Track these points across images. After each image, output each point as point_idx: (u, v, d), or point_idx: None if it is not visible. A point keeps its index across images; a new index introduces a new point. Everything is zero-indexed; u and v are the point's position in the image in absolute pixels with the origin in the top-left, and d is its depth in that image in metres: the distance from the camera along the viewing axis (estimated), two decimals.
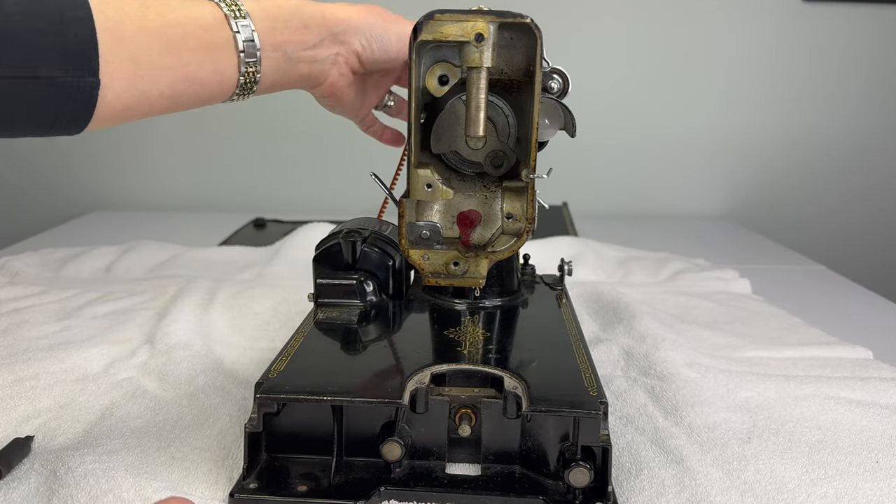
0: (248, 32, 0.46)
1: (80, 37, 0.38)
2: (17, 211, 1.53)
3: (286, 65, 0.50)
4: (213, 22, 0.45)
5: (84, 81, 0.39)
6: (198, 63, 0.44)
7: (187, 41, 0.43)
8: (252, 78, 0.48)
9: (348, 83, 0.56)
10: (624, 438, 0.54)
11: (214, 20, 0.45)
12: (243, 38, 0.46)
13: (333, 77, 0.54)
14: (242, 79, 0.47)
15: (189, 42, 0.43)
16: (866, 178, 1.48)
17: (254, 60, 0.47)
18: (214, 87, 0.46)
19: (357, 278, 0.61)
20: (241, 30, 0.46)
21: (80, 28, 0.38)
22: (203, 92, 0.46)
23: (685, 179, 1.50)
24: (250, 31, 0.46)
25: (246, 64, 0.47)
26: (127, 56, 0.40)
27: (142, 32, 0.41)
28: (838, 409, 0.58)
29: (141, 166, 1.52)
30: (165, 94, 0.44)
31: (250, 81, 0.48)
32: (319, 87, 0.55)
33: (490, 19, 0.46)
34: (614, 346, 0.71)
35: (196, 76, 0.44)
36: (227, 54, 0.46)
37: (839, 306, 0.91)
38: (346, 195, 1.49)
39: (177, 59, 0.43)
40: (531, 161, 0.49)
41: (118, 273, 0.99)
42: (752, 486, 0.48)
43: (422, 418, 0.48)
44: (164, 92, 0.43)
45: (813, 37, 1.41)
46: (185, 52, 0.43)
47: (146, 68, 0.42)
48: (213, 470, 0.49)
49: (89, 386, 0.62)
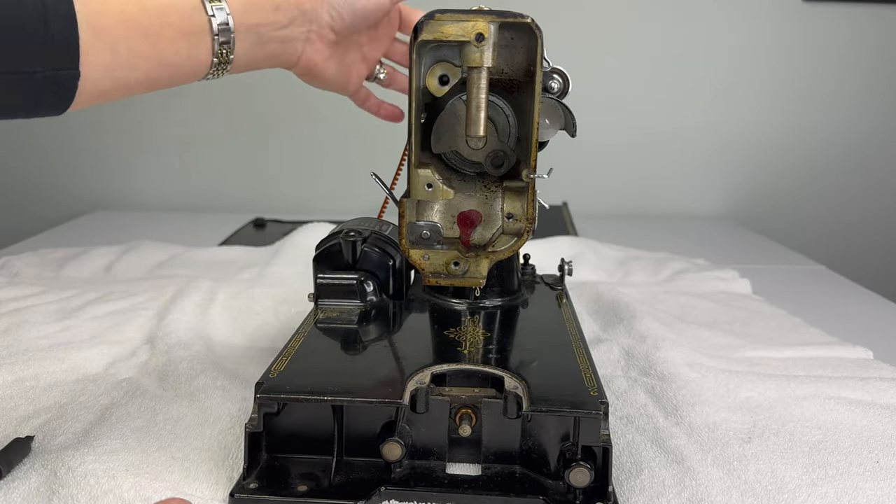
0: (223, 16, 0.47)
1: (63, 31, 0.39)
2: (17, 211, 1.53)
3: (257, 46, 0.51)
4: (189, 10, 0.46)
5: (64, 74, 0.40)
6: (174, 49, 0.45)
7: (164, 30, 0.44)
8: (225, 59, 0.49)
9: (324, 58, 0.56)
10: (624, 438, 0.54)
11: (191, 7, 0.46)
12: (218, 22, 0.47)
13: (308, 53, 0.55)
14: (216, 60, 0.48)
15: (166, 31, 0.44)
16: (866, 178, 1.49)
17: (227, 43, 0.48)
18: (188, 70, 0.47)
19: (357, 278, 0.61)
20: (216, 13, 0.47)
21: (62, 23, 0.39)
22: (177, 74, 0.47)
23: (685, 179, 1.50)
24: (225, 14, 0.47)
25: (220, 46, 0.48)
26: (105, 46, 0.41)
27: (121, 23, 0.42)
28: (839, 409, 0.58)
29: (141, 166, 1.52)
30: (141, 80, 0.45)
31: (223, 62, 0.49)
32: (295, 65, 0.56)
33: (490, 19, 0.46)
34: (614, 346, 0.71)
35: (171, 61, 0.45)
36: (203, 39, 0.47)
37: (839, 306, 0.91)
38: (346, 195, 1.49)
39: (153, 47, 0.44)
40: (531, 161, 0.49)
41: (118, 273, 0.99)
42: (753, 486, 0.48)
43: (422, 418, 0.48)
44: (140, 78, 0.44)
45: (813, 37, 1.41)
46: (161, 40, 0.44)
47: (124, 57, 0.43)
48: (213, 470, 0.49)
49: (89, 386, 0.62)
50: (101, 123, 1.48)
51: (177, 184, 1.53)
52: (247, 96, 1.45)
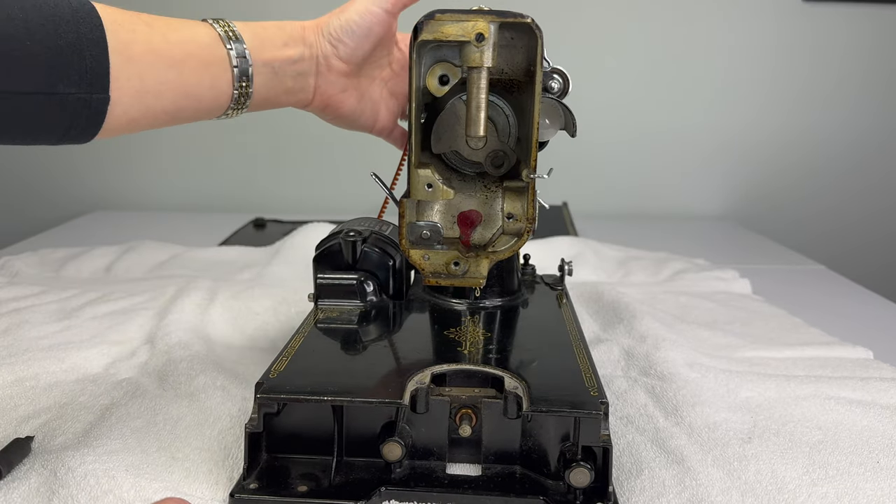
0: (240, 50, 0.50)
1: (95, 57, 0.41)
2: (17, 211, 1.53)
3: (273, 80, 0.53)
4: (209, 42, 0.48)
5: (96, 98, 0.42)
6: (197, 79, 0.48)
7: (188, 60, 0.47)
8: (244, 92, 0.51)
9: (340, 90, 0.56)
10: (624, 438, 0.54)
11: (210, 40, 0.48)
12: (236, 55, 0.49)
13: (322, 87, 0.56)
14: (236, 93, 0.50)
15: (189, 60, 0.47)
16: (866, 178, 1.49)
17: (246, 76, 0.50)
18: (211, 101, 0.49)
19: (357, 278, 0.61)
20: (233, 47, 0.49)
21: (94, 49, 0.41)
22: (201, 107, 0.49)
23: (685, 179, 1.50)
24: (242, 48, 0.50)
25: (239, 79, 0.50)
26: (135, 74, 0.44)
27: (148, 52, 0.44)
28: (839, 409, 0.58)
29: (141, 166, 1.52)
30: (168, 109, 0.47)
31: (243, 96, 0.51)
32: (311, 102, 0.57)
33: (490, 19, 0.46)
34: (615, 346, 0.71)
35: (195, 92, 0.48)
36: (223, 71, 0.49)
37: (839, 306, 0.91)
38: (346, 195, 1.49)
39: (178, 76, 0.46)
40: (532, 161, 0.49)
41: (118, 273, 0.99)
42: (753, 486, 0.48)
43: (422, 418, 0.48)
44: (166, 107, 0.47)
45: (812, 37, 1.41)
46: (185, 69, 0.47)
47: (151, 84, 0.45)
48: (213, 470, 0.49)
49: (89, 386, 0.62)
50: None
51: (177, 184, 1.53)
52: None
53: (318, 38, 0.54)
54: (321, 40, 0.54)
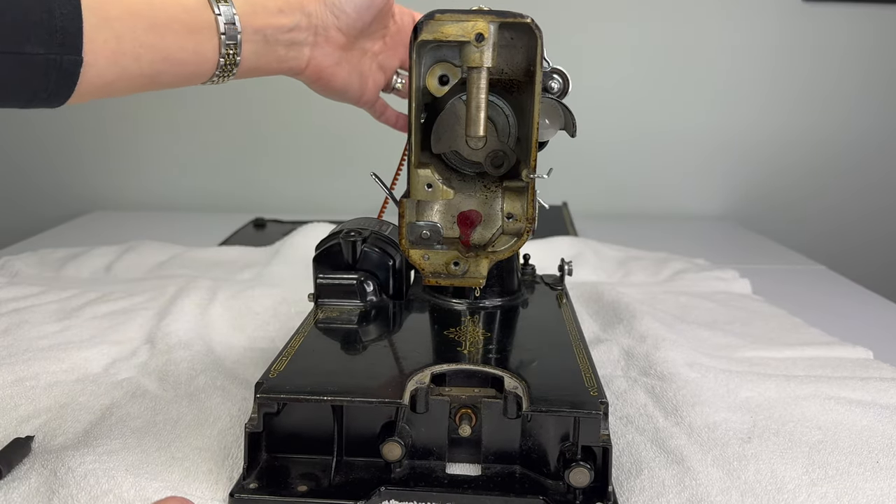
0: (229, 15, 0.47)
1: (66, 15, 0.39)
2: (17, 211, 1.53)
3: (264, 48, 0.50)
4: (195, 5, 0.46)
5: (67, 59, 0.39)
6: (179, 44, 0.45)
7: (170, 23, 0.44)
8: (232, 60, 0.48)
9: (334, 62, 0.55)
10: (624, 438, 0.54)
11: (197, 4, 0.46)
12: (224, 21, 0.47)
13: (317, 58, 0.54)
14: (223, 60, 0.48)
15: (172, 24, 0.44)
16: (866, 178, 1.49)
17: (234, 43, 0.48)
18: (194, 67, 0.47)
19: (357, 278, 0.61)
20: (222, 12, 0.47)
21: (66, 7, 0.39)
22: (182, 72, 0.47)
23: (685, 179, 1.50)
24: (231, 13, 0.47)
25: (226, 46, 0.47)
26: (111, 34, 0.41)
27: (127, 13, 0.42)
28: (839, 409, 0.58)
29: (141, 166, 1.52)
30: (146, 72, 0.44)
31: (230, 63, 0.49)
32: (303, 71, 0.55)
33: (490, 19, 0.46)
34: (614, 346, 0.71)
35: (177, 57, 0.45)
36: (209, 36, 0.47)
37: (839, 306, 0.91)
38: (346, 195, 1.49)
39: (159, 39, 0.44)
40: (531, 161, 0.49)
41: (118, 273, 0.99)
42: (753, 486, 0.48)
43: (422, 418, 0.48)
44: (144, 70, 0.44)
45: (813, 37, 1.41)
46: (167, 32, 0.44)
47: (129, 46, 0.42)
48: (213, 470, 0.49)
49: (89, 386, 0.62)
50: (102, 123, 1.48)
51: (177, 184, 1.53)
52: (247, 96, 1.45)
53: (320, 7, 0.53)
54: (323, 10, 0.53)
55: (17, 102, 0.40)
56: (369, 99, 0.62)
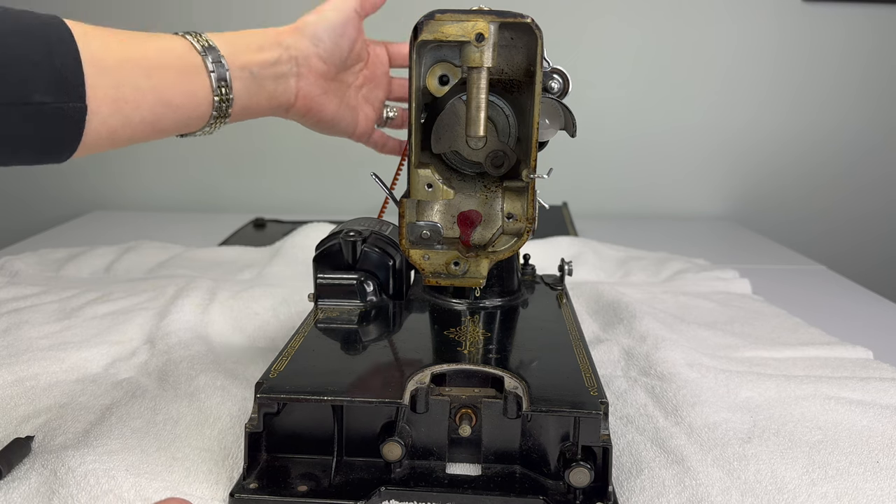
0: (215, 56, 0.49)
1: (67, 66, 0.40)
2: (17, 211, 1.53)
3: (253, 85, 0.52)
4: (183, 51, 0.48)
5: (72, 107, 0.41)
6: (175, 87, 0.47)
7: (164, 68, 0.46)
8: (225, 98, 0.50)
9: (321, 91, 0.57)
10: (624, 438, 0.54)
11: (184, 50, 0.48)
12: (212, 61, 0.49)
13: (304, 89, 0.56)
14: (216, 98, 0.50)
15: (166, 69, 0.46)
16: (866, 177, 1.49)
17: (224, 81, 0.50)
18: (192, 109, 0.49)
19: (357, 278, 0.61)
20: (209, 54, 0.49)
21: (66, 58, 0.40)
22: (181, 115, 0.48)
23: (685, 179, 1.50)
24: (217, 54, 0.49)
25: (218, 83, 0.49)
26: (110, 83, 0.43)
27: (122, 61, 0.44)
28: (838, 409, 0.58)
29: (141, 166, 1.52)
30: (147, 118, 0.46)
31: (224, 101, 0.50)
32: (293, 105, 0.56)
33: (490, 19, 0.46)
34: (614, 346, 0.71)
35: (174, 100, 0.47)
36: (200, 78, 0.48)
37: (839, 306, 0.91)
38: (346, 195, 1.49)
39: (156, 84, 0.46)
40: (531, 161, 0.49)
41: (118, 273, 0.99)
42: (753, 486, 0.48)
43: (422, 418, 0.48)
44: (145, 117, 0.46)
45: (812, 36, 1.41)
46: (162, 77, 0.46)
47: (128, 93, 0.44)
48: (213, 470, 0.49)
49: (89, 386, 0.62)
50: None
51: (177, 184, 1.53)
52: None
53: (297, 38, 0.54)
54: (300, 40, 0.54)
55: (29, 155, 0.41)
56: (364, 131, 0.64)
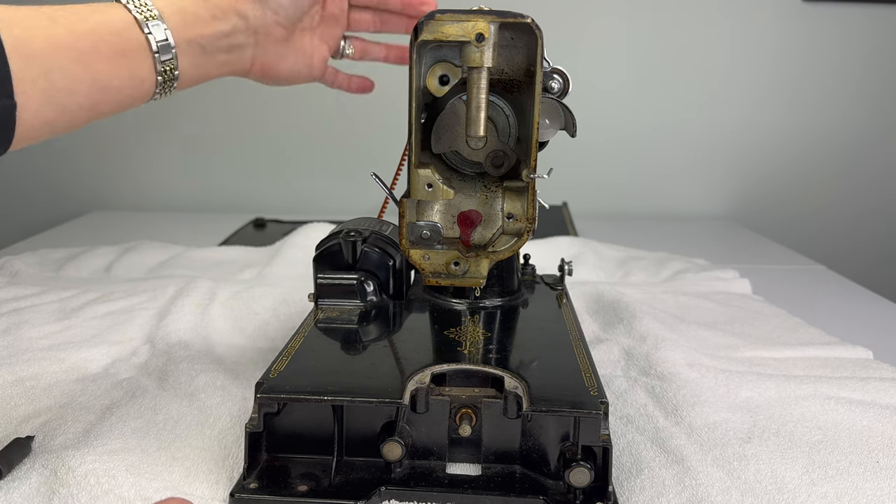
0: (160, 32, 0.45)
1: None
2: (16, 211, 1.53)
3: (203, 58, 0.49)
4: (122, 26, 0.44)
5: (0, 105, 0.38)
6: (113, 71, 0.43)
7: (99, 50, 0.43)
8: (170, 76, 0.47)
9: (278, 57, 0.55)
10: (624, 438, 0.54)
11: (125, 24, 0.44)
12: (156, 39, 0.45)
13: (260, 59, 0.53)
14: (160, 78, 0.46)
15: (101, 51, 0.43)
16: (865, 177, 1.49)
17: (170, 59, 0.46)
18: (132, 91, 0.45)
19: (357, 278, 0.61)
20: (153, 30, 0.45)
21: None
22: (122, 98, 0.45)
23: (685, 179, 1.50)
24: (163, 30, 0.45)
25: (162, 63, 0.46)
26: (39, 72, 0.40)
27: (51, 47, 0.40)
28: (838, 409, 0.58)
29: (141, 166, 1.52)
30: (83, 104, 0.43)
31: (169, 79, 0.47)
32: (249, 71, 0.54)
33: (491, 19, 0.46)
34: (614, 346, 0.71)
35: (112, 84, 0.44)
36: (143, 57, 0.45)
37: (839, 306, 0.91)
38: (346, 195, 1.49)
39: (90, 69, 0.42)
40: (532, 161, 0.49)
41: (118, 273, 0.99)
42: (753, 486, 0.48)
43: (422, 418, 0.48)
44: (82, 103, 0.43)
45: (812, 36, 1.41)
46: (97, 61, 0.42)
47: (61, 81, 0.41)
48: (213, 470, 0.49)
49: (89, 386, 0.62)
50: (102, 123, 1.48)
51: (177, 184, 1.53)
52: (247, 96, 1.45)
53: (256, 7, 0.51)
54: (259, 9, 0.51)
55: None
56: (318, 74, 0.60)
